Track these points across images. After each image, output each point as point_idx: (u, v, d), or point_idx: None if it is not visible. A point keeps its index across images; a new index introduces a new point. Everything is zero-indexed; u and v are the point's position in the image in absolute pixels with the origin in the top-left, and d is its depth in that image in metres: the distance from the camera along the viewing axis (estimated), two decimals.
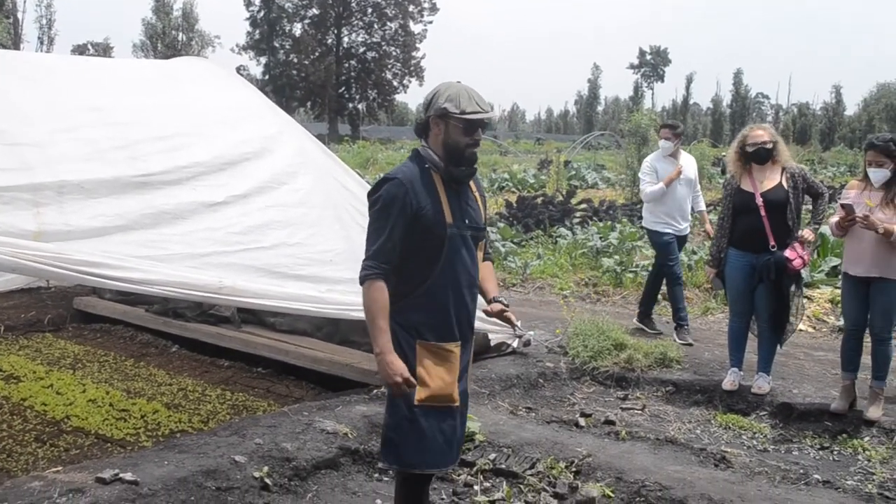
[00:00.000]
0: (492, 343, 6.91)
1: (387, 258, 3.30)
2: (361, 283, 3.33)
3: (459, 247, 3.42)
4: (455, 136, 3.36)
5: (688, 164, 8.21)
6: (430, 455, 3.44)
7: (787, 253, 6.01)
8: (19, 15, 57.61)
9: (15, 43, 51.98)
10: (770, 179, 6.22)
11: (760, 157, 6.20)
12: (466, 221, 3.45)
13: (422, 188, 3.35)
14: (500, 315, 3.63)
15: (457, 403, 3.49)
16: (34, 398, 5.98)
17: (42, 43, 63.83)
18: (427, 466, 3.49)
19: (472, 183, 3.56)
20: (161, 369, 6.93)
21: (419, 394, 3.36)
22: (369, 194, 3.42)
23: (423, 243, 3.35)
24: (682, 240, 8.26)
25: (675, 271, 8.06)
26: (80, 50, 77.93)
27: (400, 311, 3.37)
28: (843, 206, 5.56)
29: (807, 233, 6.12)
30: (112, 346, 7.64)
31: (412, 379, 3.28)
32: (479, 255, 3.60)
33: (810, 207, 6.59)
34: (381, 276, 3.28)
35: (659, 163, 8.07)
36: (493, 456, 4.98)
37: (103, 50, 77.41)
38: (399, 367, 3.25)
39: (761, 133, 6.22)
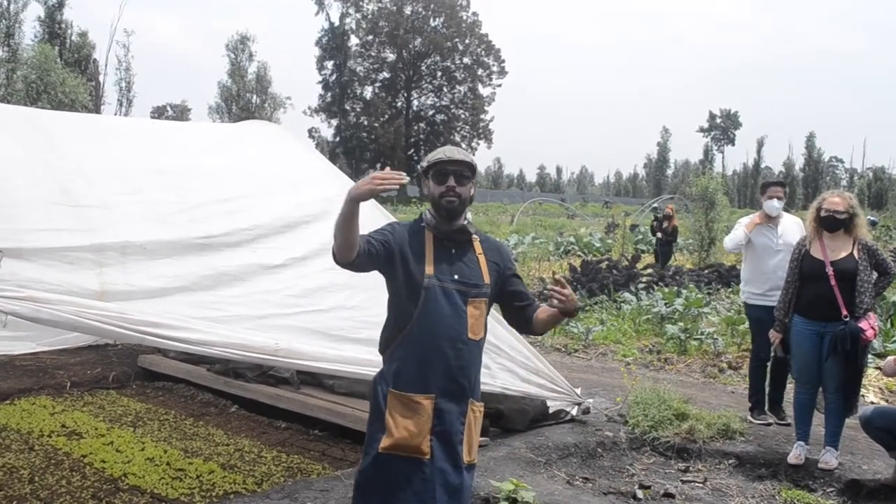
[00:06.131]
0: (550, 410, 6.80)
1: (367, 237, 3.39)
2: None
3: (438, 298, 3.42)
4: (432, 188, 3.49)
5: (790, 227, 7.23)
6: None
7: (861, 324, 5.86)
8: (101, 78, 59.75)
9: (96, 105, 53.91)
10: (842, 249, 6.08)
11: (830, 224, 6.07)
12: (456, 277, 3.46)
13: (408, 237, 3.49)
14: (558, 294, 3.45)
15: (427, 457, 3.39)
16: (94, 455, 6.04)
17: (121, 105, 66.04)
18: None
19: (478, 245, 3.58)
20: (219, 429, 6.95)
21: (383, 441, 3.40)
22: None
23: (403, 290, 3.45)
24: None
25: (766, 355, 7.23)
26: (159, 111, 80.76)
27: (384, 361, 3.53)
28: None
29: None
30: (173, 405, 7.71)
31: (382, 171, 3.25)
32: (477, 311, 3.51)
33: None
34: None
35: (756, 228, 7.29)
36: None
37: (181, 112, 79.93)
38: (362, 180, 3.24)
39: (838, 201, 6.09)
